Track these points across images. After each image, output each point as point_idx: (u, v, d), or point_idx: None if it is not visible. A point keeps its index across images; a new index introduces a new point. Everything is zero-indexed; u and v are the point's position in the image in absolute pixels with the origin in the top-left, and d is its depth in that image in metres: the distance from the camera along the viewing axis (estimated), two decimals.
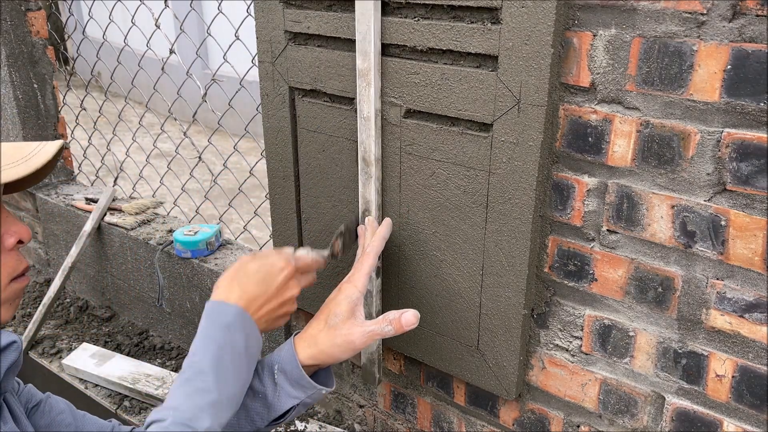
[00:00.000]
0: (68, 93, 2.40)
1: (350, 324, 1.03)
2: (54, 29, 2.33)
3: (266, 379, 1.03)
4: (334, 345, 1.02)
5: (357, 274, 1.08)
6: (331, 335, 1.03)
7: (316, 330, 1.05)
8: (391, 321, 1.02)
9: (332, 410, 1.65)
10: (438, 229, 1.17)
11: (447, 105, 1.07)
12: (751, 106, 0.83)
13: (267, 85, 1.33)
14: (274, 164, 1.40)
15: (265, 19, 1.27)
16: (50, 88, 2.27)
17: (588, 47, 0.94)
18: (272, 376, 1.03)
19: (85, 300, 2.29)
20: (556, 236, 1.07)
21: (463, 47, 1.02)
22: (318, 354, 1.03)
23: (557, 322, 1.12)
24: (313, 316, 1.08)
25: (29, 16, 2.15)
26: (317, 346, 1.03)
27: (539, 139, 0.98)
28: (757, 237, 0.88)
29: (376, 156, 1.17)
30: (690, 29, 0.85)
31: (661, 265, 0.97)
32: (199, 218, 2.19)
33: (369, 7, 1.07)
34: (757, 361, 0.92)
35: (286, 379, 1.02)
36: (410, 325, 1.02)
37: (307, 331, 1.06)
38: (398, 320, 1.02)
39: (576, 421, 1.16)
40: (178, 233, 1.88)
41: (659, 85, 0.90)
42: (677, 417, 1.03)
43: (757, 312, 0.91)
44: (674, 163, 0.92)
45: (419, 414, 1.43)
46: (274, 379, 1.03)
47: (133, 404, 1.77)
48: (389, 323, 1.02)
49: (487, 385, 1.20)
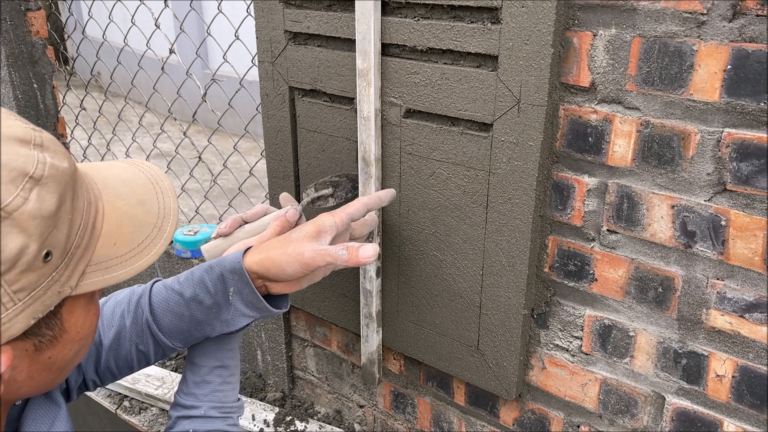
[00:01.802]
0: (68, 93, 2.40)
1: (309, 240, 0.98)
2: (54, 29, 2.33)
3: (219, 296, 0.99)
4: (284, 253, 0.97)
5: (339, 210, 1.04)
6: (284, 244, 0.98)
7: (275, 239, 1.02)
8: (348, 248, 0.98)
9: (332, 410, 1.65)
10: (438, 229, 1.17)
11: (447, 105, 1.07)
12: (751, 106, 0.83)
13: (267, 85, 1.33)
14: (274, 164, 1.40)
15: (265, 18, 1.27)
16: (50, 88, 2.27)
17: (588, 47, 0.94)
18: (226, 295, 0.99)
19: None
20: (556, 236, 1.07)
21: (463, 47, 1.02)
22: (265, 260, 0.98)
23: (557, 322, 1.12)
24: None
25: (29, 16, 2.14)
26: (267, 252, 0.98)
27: (539, 139, 0.98)
28: (757, 237, 0.88)
29: (376, 156, 1.17)
30: (690, 29, 0.85)
31: (661, 265, 0.97)
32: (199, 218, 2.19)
33: (369, 7, 1.07)
34: (757, 361, 0.92)
35: (241, 299, 0.99)
36: (367, 257, 0.97)
37: (267, 240, 1.03)
38: (355, 249, 0.98)
39: (576, 421, 1.16)
40: (177, 233, 1.88)
41: (659, 85, 0.90)
42: (677, 417, 1.03)
43: (757, 312, 0.91)
44: (674, 163, 0.92)
45: (419, 414, 1.43)
46: (229, 298, 0.98)
47: (132, 404, 1.77)
48: (345, 248, 0.98)
49: (487, 385, 1.20)
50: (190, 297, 0.99)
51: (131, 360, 1.02)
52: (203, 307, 0.99)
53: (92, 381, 1.03)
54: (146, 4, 1.94)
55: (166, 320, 1.00)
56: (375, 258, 0.99)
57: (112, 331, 1.01)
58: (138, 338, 1.01)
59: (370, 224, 1.17)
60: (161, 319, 1.00)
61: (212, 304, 0.99)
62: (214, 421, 1.01)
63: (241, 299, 0.98)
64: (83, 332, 0.74)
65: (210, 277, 0.99)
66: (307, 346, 1.63)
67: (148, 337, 1.01)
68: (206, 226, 1.92)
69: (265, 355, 1.77)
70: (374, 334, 1.30)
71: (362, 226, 1.15)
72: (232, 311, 0.99)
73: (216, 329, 1.00)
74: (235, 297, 0.98)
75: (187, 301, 0.99)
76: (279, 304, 1.04)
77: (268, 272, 0.98)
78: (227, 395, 1.03)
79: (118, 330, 1.01)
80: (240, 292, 0.98)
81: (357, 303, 1.31)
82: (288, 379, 1.73)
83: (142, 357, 1.03)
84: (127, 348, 1.01)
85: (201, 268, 1.01)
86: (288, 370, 1.72)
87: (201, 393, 1.02)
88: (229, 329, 1.00)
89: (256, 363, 1.81)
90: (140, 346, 1.01)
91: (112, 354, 1.01)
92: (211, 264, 1.00)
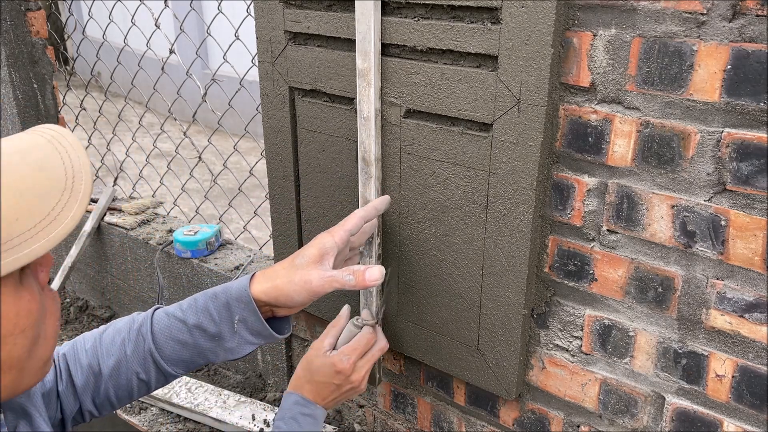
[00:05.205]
0: (68, 93, 2.40)
1: (314, 267, 0.98)
2: (54, 29, 2.33)
3: (224, 325, 0.98)
4: (291, 282, 0.97)
5: (338, 228, 1.04)
6: (291, 272, 0.98)
7: (279, 266, 1.01)
8: (354, 272, 0.98)
9: (332, 410, 1.65)
10: (438, 229, 1.17)
11: (447, 105, 1.07)
12: (751, 106, 0.83)
13: (267, 85, 1.33)
14: (274, 164, 1.40)
15: (265, 19, 1.27)
16: (50, 88, 2.27)
17: (588, 47, 0.94)
18: (231, 323, 0.98)
19: (85, 300, 2.29)
20: (556, 236, 1.07)
21: (463, 47, 1.02)
22: (272, 290, 0.97)
23: (557, 322, 1.12)
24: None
25: (29, 16, 2.14)
26: (274, 281, 0.98)
27: (539, 139, 0.98)
28: (757, 237, 0.88)
29: (376, 156, 1.17)
30: (690, 29, 0.85)
31: (661, 265, 0.97)
32: (199, 218, 2.19)
33: (369, 7, 1.07)
34: (757, 361, 0.92)
35: (246, 327, 0.98)
36: (374, 280, 0.98)
37: (271, 267, 1.02)
38: (362, 273, 0.97)
39: (576, 421, 1.16)
40: (178, 233, 1.88)
41: (659, 85, 0.90)
42: (677, 417, 1.03)
43: (757, 312, 0.91)
44: (674, 163, 0.92)
45: (419, 414, 1.43)
46: (234, 326, 0.98)
47: (132, 404, 1.77)
48: (351, 273, 0.97)
49: (487, 385, 1.20)
50: (194, 324, 0.98)
51: (131, 389, 1.00)
52: (207, 334, 0.98)
53: (88, 411, 1.00)
54: (146, 4, 1.94)
55: (169, 348, 0.99)
56: (381, 280, 0.99)
57: (111, 360, 0.99)
58: (139, 367, 0.99)
59: (369, 231, 1.17)
60: (164, 347, 0.99)
61: (216, 332, 0.98)
62: None
63: (246, 327, 0.98)
64: (22, 323, 0.67)
65: (215, 305, 0.98)
66: (307, 346, 1.63)
67: (150, 366, 0.99)
68: (206, 226, 1.92)
69: (265, 355, 1.77)
70: None
71: (361, 236, 1.15)
72: (237, 339, 0.99)
73: (220, 356, 1.00)
74: (240, 325, 0.98)
75: (191, 328, 0.98)
76: (281, 327, 1.04)
77: (276, 301, 0.98)
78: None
79: (118, 359, 0.99)
80: (245, 321, 0.98)
81: (357, 303, 1.31)
82: (288, 379, 1.73)
83: (142, 385, 1.01)
84: (128, 377, 0.99)
85: (205, 295, 1.00)
86: (288, 370, 1.72)
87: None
88: (233, 357, 1.00)
89: (256, 363, 1.81)
90: (141, 374, 0.99)
91: (112, 383, 0.99)
92: (216, 291, 1.00)
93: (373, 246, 1.21)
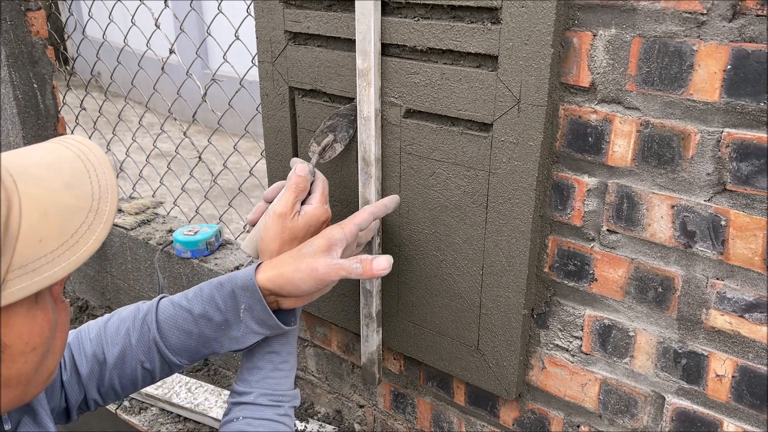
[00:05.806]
0: (68, 93, 2.40)
1: (321, 255, 0.97)
2: (54, 29, 2.33)
3: (230, 313, 0.98)
4: (297, 270, 0.95)
5: (348, 221, 1.03)
6: (297, 261, 0.96)
7: (286, 255, 0.99)
8: (362, 261, 0.96)
9: (332, 410, 1.65)
10: (438, 229, 1.17)
11: (447, 105, 1.07)
12: (751, 106, 0.83)
13: (267, 85, 1.33)
14: (274, 164, 1.40)
15: (265, 19, 1.27)
16: (50, 88, 2.27)
17: (588, 47, 0.94)
18: (237, 312, 0.97)
19: (85, 300, 2.29)
20: (556, 236, 1.07)
21: (463, 47, 1.02)
22: (278, 277, 0.96)
23: (557, 322, 1.12)
24: None
25: (29, 16, 2.15)
26: (280, 269, 0.97)
27: (539, 139, 0.98)
28: (757, 237, 0.88)
29: (376, 156, 1.17)
30: (690, 29, 0.85)
31: (661, 265, 0.97)
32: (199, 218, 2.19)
33: (369, 7, 1.07)
34: (757, 361, 0.92)
35: (251, 316, 0.97)
36: (382, 269, 0.96)
37: (277, 257, 1.01)
38: (369, 262, 0.96)
39: (576, 421, 1.16)
40: (178, 233, 1.88)
41: (659, 85, 0.90)
42: (677, 417, 1.03)
43: (757, 312, 0.91)
44: (674, 163, 0.92)
45: (419, 414, 1.43)
46: (239, 315, 0.97)
47: (132, 404, 1.77)
48: (359, 262, 0.96)
49: (487, 385, 1.20)
50: (199, 314, 0.98)
51: (136, 378, 1.00)
52: (213, 324, 0.98)
53: (93, 400, 1.01)
54: (146, 4, 1.94)
55: (174, 337, 0.99)
56: (389, 270, 0.98)
57: (116, 349, 0.99)
58: (144, 356, 0.99)
59: (373, 229, 1.17)
60: (169, 336, 0.99)
61: (222, 321, 0.98)
62: (263, 409, 0.98)
63: (252, 316, 0.98)
64: (34, 342, 0.65)
65: (220, 294, 0.98)
66: (307, 346, 1.64)
67: (154, 355, 0.99)
68: (206, 226, 1.92)
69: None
70: (374, 334, 1.30)
71: (368, 233, 1.15)
72: (243, 329, 0.98)
73: (225, 346, 0.99)
74: (245, 314, 0.97)
75: (196, 318, 0.98)
76: (288, 319, 1.03)
77: (281, 289, 0.97)
78: (279, 383, 1.01)
79: (122, 348, 0.99)
80: (251, 309, 0.97)
81: (357, 303, 1.31)
82: None
83: (147, 375, 1.01)
84: (132, 366, 0.99)
85: (210, 285, 1.00)
86: None
87: (253, 379, 1.00)
88: (238, 347, 0.99)
89: None
90: (146, 363, 0.99)
91: (117, 372, 0.99)
92: (221, 280, 0.99)
93: (373, 246, 1.21)
